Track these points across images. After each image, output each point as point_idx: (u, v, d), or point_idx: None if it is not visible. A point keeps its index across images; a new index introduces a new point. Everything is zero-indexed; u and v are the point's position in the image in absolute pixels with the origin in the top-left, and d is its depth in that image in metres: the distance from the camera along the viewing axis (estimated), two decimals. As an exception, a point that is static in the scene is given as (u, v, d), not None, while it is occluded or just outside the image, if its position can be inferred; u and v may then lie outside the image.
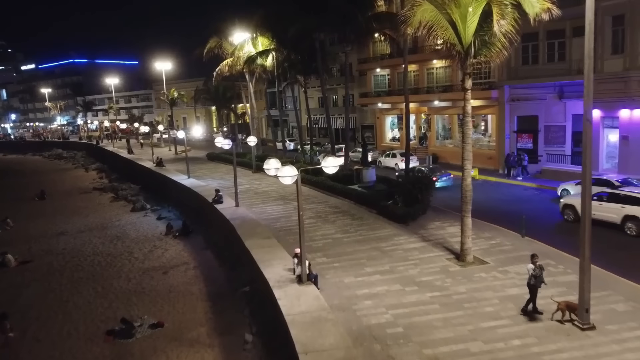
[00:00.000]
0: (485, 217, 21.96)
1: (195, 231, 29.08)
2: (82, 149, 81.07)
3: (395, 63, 43.87)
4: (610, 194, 20.67)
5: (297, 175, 12.82)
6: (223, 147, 25.28)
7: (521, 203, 26.40)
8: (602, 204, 20.26)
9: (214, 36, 39.75)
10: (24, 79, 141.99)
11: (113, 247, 28.05)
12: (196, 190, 30.45)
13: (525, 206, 25.44)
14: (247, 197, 30.24)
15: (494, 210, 24.42)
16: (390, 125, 49.53)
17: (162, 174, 38.74)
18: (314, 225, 22.60)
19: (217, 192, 25.98)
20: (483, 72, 36.18)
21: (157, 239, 29.12)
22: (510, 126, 34.12)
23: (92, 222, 34.31)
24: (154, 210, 36.47)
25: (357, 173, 28.15)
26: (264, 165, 14.18)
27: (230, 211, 23.97)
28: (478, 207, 25.42)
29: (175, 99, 57.43)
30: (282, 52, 34.13)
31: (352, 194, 26.77)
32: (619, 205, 19.89)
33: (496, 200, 27.46)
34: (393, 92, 45.27)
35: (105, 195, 44.54)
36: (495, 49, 15.35)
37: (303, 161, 35.91)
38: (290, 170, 12.74)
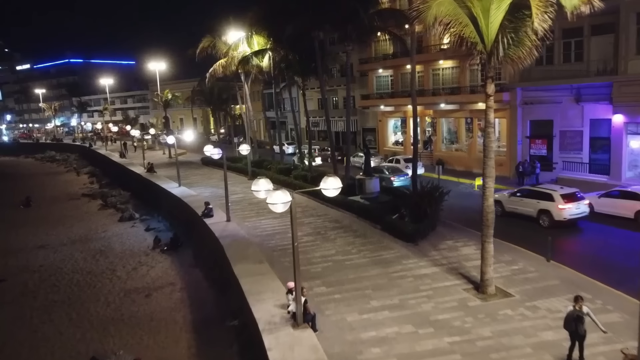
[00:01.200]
0: (499, 233, 19.75)
1: (185, 244, 26.97)
2: (76, 152, 78.93)
3: (398, 63, 41.70)
4: (528, 190, 23.64)
5: (289, 202, 10.54)
6: (212, 157, 23.07)
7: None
8: (523, 199, 22.98)
9: (207, 35, 37.58)
10: (19, 79, 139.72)
11: (95, 263, 25.92)
12: (186, 200, 28.27)
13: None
14: (241, 208, 28.09)
15: (509, 224, 22.22)
16: (393, 128, 47.34)
17: (152, 181, 36.53)
18: (312, 244, 20.43)
19: (207, 205, 23.80)
20: (493, 73, 33.94)
21: (143, 253, 27.00)
22: (523, 131, 31.94)
23: (76, 234, 32.17)
24: (143, 220, 34.34)
25: (359, 183, 25.96)
26: (252, 187, 11.98)
27: (221, 227, 21.79)
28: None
29: (169, 100, 55.20)
30: (279, 52, 31.93)
31: (354, 206, 24.59)
32: (535, 201, 22.42)
33: (512, 213, 25.25)
34: (396, 93, 43.08)
35: (93, 202, 42.43)
36: (524, 48, 13.10)
37: (301, 168, 33.71)
38: (282, 196, 10.52)
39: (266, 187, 11.70)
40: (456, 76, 36.93)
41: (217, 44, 37.43)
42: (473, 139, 36.53)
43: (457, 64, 36.25)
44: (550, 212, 21.58)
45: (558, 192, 21.80)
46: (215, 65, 36.68)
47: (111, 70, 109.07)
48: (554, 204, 21.46)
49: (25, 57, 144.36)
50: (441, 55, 37.02)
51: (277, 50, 32.13)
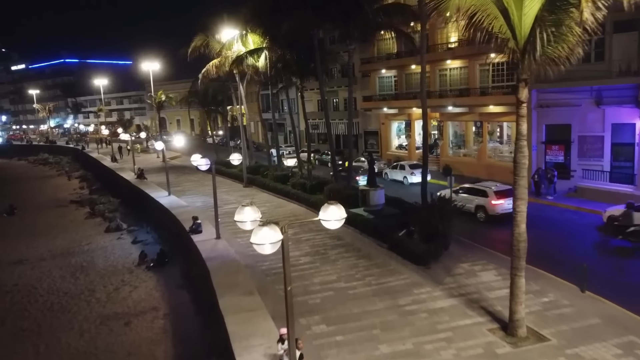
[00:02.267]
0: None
1: (173, 260, 24.79)
2: (69, 154, 76.79)
3: (403, 63, 39.46)
4: (467, 187, 25.35)
5: (279, 241, 8.32)
6: (199, 168, 20.86)
7: (560, 231, 21.99)
8: (464, 196, 24.56)
9: (200, 33, 35.31)
10: (14, 80, 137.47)
11: (74, 282, 23.70)
12: (174, 212, 26.03)
13: (566, 236, 21.07)
14: (232, 220, 25.75)
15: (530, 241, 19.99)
16: (397, 131, 45.11)
17: (141, 188, 34.29)
18: (310, 266, 18.21)
19: (195, 220, 21.56)
20: (505, 73, 31.75)
21: (127, 270, 24.77)
22: (538, 136, 29.69)
23: (58, 246, 29.96)
24: (131, 231, 32.11)
25: (362, 194, 23.74)
26: (235, 216, 9.74)
27: (209, 246, 19.57)
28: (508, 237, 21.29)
29: (162, 102, 52.96)
30: (275, 51, 29.70)
31: (357, 221, 22.36)
32: (473, 197, 24.22)
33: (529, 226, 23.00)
34: (400, 95, 40.83)
35: (81, 210, 40.19)
36: (567, 45, 10.87)
37: (300, 176, 31.48)
38: (272, 234, 8.29)
39: (252, 217, 9.45)
40: (465, 77, 34.70)
41: (210, 43, 35.19)
42: (483, 144, 34.30)
43: (466, 64, 34.02)
44: (485, 208, 23.60)
45: (492, 189, 23.75)
46: (209, 65, 34.44)
47: (107, 71, 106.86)
48: (488, 200, 23.46)
49: (21, 57, 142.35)
50: (449, 54, 34.79)
51: (273, 50, 29.89)
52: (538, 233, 21.79)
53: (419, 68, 39.01)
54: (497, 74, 32.29)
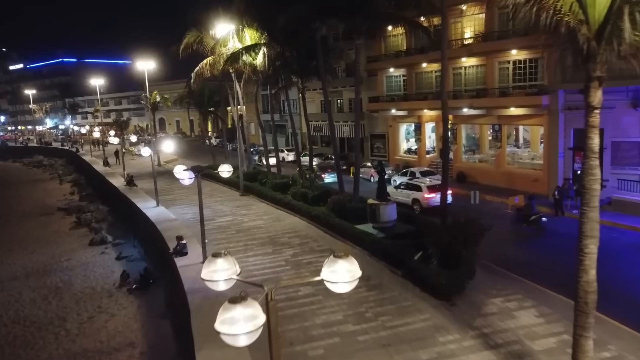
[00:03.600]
0: (556, 280, 14.84)
1: (158, 280, 22.05)
2: (63, 157, 74.28)
3: (413, 61, 36.55)
4: (406, 183, 28.04)
5: (259, 328, 5.42)
6: (183, 182, 18.03)
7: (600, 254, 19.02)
8: (402, 190, 27.09)
9: (192, 29, 32.47)
10: (11, 79, 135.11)
11: (45, 308, 20.97)
12: (159, 227, 23.15)
13: (609, 260, 18.13)
14: (226, 237, 23.10)
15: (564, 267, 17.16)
16: (405, 134, 42.24)
17: (129, 197, 31.47)
18: (312, 300, 15.36)
19: (179, 240, 18.72)
20: (528, 71, 28.80)
21: (106, 293, 22.03)
22: (565, 142, 26.77)
23: (35, 262, 27.26)
24: (116, 244, 29.42)
25: (371, 210, 20.86)
26: (202, 272, 6.79)
27: (193, 273, 16.64)
28: (537, 260, 18.42)
29: (157, 102, 50.22)
30: (274, 48, 26.90)
31: (366, 241, 19.50)
32: (410, 191, 26.85)
33: (559, 246, 20.15)
34: (410, 96, 37.92)
35: (67, 218, 37.49)
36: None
37: (301, 185, 28.64)
38: (248, 316, 5.39)
39: (226, 274, 6.60)
40: (482, 76, 31.77)
41: (204, 39, 32.36)
42: (502, 149, 31.37)
43: (483, 62, 31.09)
44: (419, 201, 25.94)
45: (425, 185, 26.18)
46: (202, 63, 31.65)
47: (106, 70, 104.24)
48: (422, 194, 26.00)
49: (19, 56, 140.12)
50: (464, 51, 31.88)
51: (271, 46, 27.08)
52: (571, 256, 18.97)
53: (431, 67, 36.49)
54: (518, 73, 29.37)
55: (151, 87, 52.06)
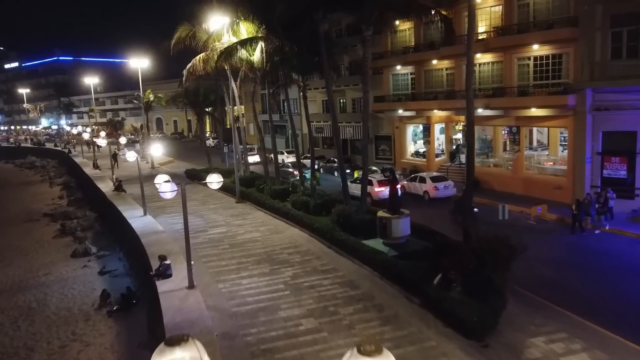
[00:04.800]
0: (602, 311, 12.42)
1: (142, 301, 19.60)
2: (56, 158, 71.91)
3: (422, 58, 34.04)
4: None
5: None
6: (163, 197, 15.53)
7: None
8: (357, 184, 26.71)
9: (184, 22, 29.99)
10: (7, 78, 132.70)
11: (12, 334, 18.55)
12: (144, 241, 20.67)
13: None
14: (218, 253, 20.63)
15: (595, 289, 14.74)
16: (412, 136, 39.77)
17: (115, 204, 28.98)
18: (315, 338, 12.90)
19: (162, 261, 16.22)
20: (551, 68, 26.31)
21: (83, 316, 19.59)
22: (594, 146, 24.29)
23: (10, 277, 24.82)
24: (100, 256, 26.97)
25: (382, 223, 18.41)
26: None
27: (176, 301, 14.24)
28: (572, 283, 15.99)
29: (151, 102, 47.79)
30: (272, 42, 24.46)
31: (376, 260, 17.05)
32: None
33: (591, 266, 17.71)
34: (418, 95, 35.43)
35: (52, 225, 35.05)
36: None
37: (302, 191, 26.21)
38: None
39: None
40: (498, 74, 29.25)
41: (197, 34, 29.89)
42: (520, 153, 28.88)
43: (500, 58, 28.59)
44: (371, 194, 27.09)
45: (375, 179, 28.45)
46: (195, 60, 29.24)
47: (102, 69, 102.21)
48: (373, 188, 27.82)
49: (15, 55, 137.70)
50: (479, 47, 29.23)
51: (269, 40, 24.64)
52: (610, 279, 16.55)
53: (442, 63, 33.96)
54: (540, 70, 26.87)
55: (147, 86, 49.72)
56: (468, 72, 15.51)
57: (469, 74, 15.53)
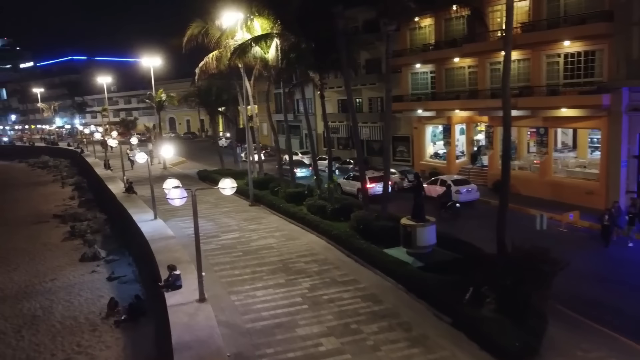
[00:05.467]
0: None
1: (151, 310, 18.58)
2: (68, 157, 71.64)
3: (443, 56, 32.65)
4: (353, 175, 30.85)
5: None
6: (172, 204, 14.41)
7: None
8: (350, 181, 30.29)
9: (197, 19, 28.98)
10: (22, 78, 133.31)
11: (15, 345, 17.76)
12: (153, 247, 19.65)
13: None
14: (231, 260, 19.53)
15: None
16: (431, 137, 38.40)
17: (125, 207, 28.04)
18: (336, 356, 11.71)
19: (172, 271, 15.14)
20: (583, 66, 24.81)
21: (89, 326, 18.66)
22: (630, 149, 22.79)
23: (15, 282, 24.05)
24: (109, 261, 26.10)
25: (405, 232, 17.17)
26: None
27: (185, 317, 13.14)
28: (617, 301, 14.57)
29: (162, 101, 46.97)
30: (287, 39, 23.32)
31: (401, 272, 15.80)
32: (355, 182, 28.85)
33: (632, 280, 16.29)
34: (439, 95, 34.05)
35: (62, 227, 34.31)
36: None
37: (318, 195, 25.03)
38: None
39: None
40: (525, 72, 27.77)
41: (210, 31, 28.86)
42: (548, 156, 27.39)
43: (528, 55, 27.11)
44: None
45: (367, 176, 26.01)
46: (207, 57, 28.24)
47: (115, 69, 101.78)
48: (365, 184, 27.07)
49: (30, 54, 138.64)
50: (501, 43, 27.87)
51: (285, 36, 23.50)
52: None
53: (464, 61, 32.46)
54: (571, 68, 25.37)
55: (159, 85, 48.98)
56: (506, 69, 14.12)
57: (506, 72, 14.14)
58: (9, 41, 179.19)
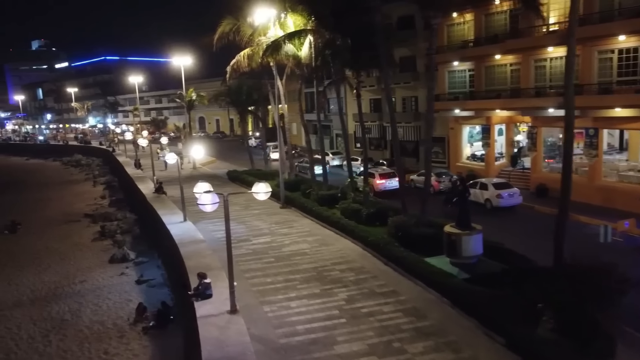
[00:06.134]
0: None
1: (179, 317, 17.91)
2: (101, 156, 72.38)
3: (483, 53, 31.16)
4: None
5: None
6: (204, 209, 13.57)
7: None
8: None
9: (228, 16, 28.28)
10: (57, 78, 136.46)
11: (42, 350, 17.44)
12: (182, 251, 18.96)
13: None
14: (262, 267, 18.67)
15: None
16: (468, 138, 36.88)
17: (155, 207, 27.56)
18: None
19: (202, 279, 14.35)
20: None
21: (117, 332, 18.10)
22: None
23: (45, 283, 23.78)
24: (138, 263, 25.64)
25: (449, 240, 15.98)
26: None
27: (215, 330, 12.29)
28: None
29: (193, 101, 46.66)
30: (322, 35, 22.35)
31: (446, 284, 14.63)
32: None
33: None
34: (478, 94, 32.55)
35: (92, 227, 34.17)
36: None
37: (352, 199, 23.99)
38: None
39: None
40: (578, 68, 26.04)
41: (241, 28, 28.13)
42: (598, 159, 25.70)
43: (577, 51, 25.30)
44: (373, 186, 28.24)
45: (377, 173, 30.03)
46: (239, 55, 27.55)
47: (147, 68, 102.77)
48: (374, 180, 29.47)
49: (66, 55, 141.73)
50: (551, 38, 26.30)
51: (319, 32, 22.54)
52: None
53: (506, 58, 30.86)
54: (626, 65, 23.66)
55: (189, 84, 48.73)
56: (569, 64, 12.75)
57: (569, 67, 12.76)
58: (46, 42, 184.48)
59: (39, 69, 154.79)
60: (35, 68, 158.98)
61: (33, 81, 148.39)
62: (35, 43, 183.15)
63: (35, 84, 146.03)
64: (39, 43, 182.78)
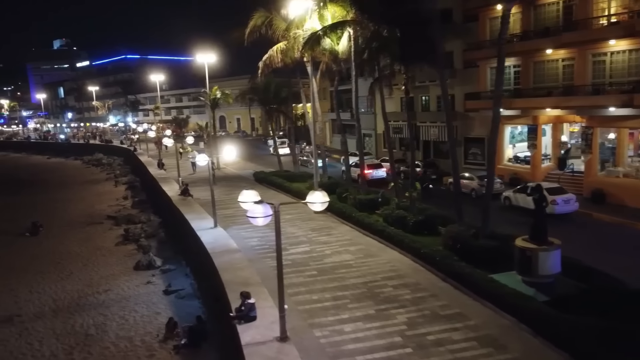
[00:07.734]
0: None
1: (213, 336, 16.29)
2: (122, 155, 71.54)
3: (532, 47, 28.97)
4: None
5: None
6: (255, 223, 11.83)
7: None
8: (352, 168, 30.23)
9: (260, 9, 26.62)
10: (78, 77, 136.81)
11: (64, 370, 15.68)
12: (216, 262, 17.29)
13: None
14: (305, 282, 16.92)
15: None
16: (510, 139, 34.71)
17: (182, 212, 26.01)
18: None
19: (245, 299, 12.62)
20: None
21: (145, 351, 16.53)
22: None
23: (68, 292, 22.33)
24: (165, 271, 24.08)
25: (523, 256, 14.03)
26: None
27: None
28: None
29: (217, 99, 45.20)
30: (366, 27, 20.49)
31: (523, 308, 12.69)
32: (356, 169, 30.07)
33: None
34: (525, 91, 30.39)
35: (115, 230, 32.80)
36: None
37: (396, 206, 22.11)
38: None
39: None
40: (636, 64, 23.90)
41: (274, 22, 26.44)
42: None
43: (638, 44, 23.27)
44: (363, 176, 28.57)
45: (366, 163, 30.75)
46: (272, 50, 25.85)
47: (167, 67, 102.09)
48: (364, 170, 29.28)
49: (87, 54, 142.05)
50: (612, 31, 24.10)
51: (362, 24, 20.69)
52: None
53: (557, 53, 28.62)
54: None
55: (211, 83, 47.26)
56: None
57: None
58: (67, 41, 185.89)
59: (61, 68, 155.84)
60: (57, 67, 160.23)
61: (54, 80, 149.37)
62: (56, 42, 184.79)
63: (56, 82, 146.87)
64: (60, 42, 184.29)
